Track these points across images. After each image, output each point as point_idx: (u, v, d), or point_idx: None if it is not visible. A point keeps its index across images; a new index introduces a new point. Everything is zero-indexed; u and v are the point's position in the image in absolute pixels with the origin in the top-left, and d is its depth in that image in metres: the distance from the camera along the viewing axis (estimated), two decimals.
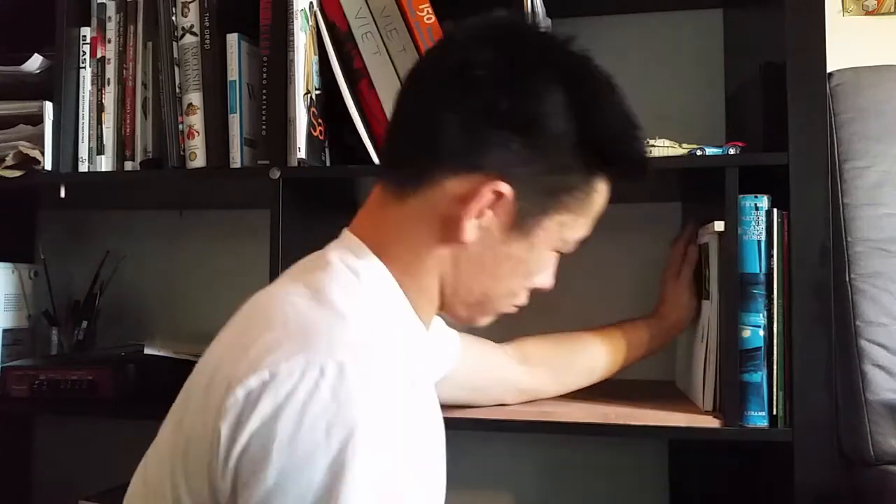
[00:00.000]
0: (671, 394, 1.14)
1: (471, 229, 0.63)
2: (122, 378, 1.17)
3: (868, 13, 1.28)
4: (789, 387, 0.93)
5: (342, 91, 1.06)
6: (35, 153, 1.15)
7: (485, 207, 0.62)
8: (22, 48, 1.20)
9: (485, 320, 0.73)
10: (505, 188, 0.62)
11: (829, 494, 0.92)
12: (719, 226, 0.96)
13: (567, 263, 1.31)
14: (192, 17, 1.13)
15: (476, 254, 0.65)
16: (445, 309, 0.71)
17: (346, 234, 0.69)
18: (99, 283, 1.39)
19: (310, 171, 1.07)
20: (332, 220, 0.90)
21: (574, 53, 0.65)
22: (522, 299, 0.72)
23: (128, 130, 1.18)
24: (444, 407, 0.77)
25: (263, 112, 1.08)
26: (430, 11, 1.05)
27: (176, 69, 1.14)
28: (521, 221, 0.64)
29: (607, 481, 1.31)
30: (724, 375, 0.96)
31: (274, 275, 1.04)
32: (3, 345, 1.28)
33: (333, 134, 1.13)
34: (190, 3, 1.13)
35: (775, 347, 0.94)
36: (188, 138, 1.13)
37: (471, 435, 1.30)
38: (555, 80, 0.62)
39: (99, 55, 1.19)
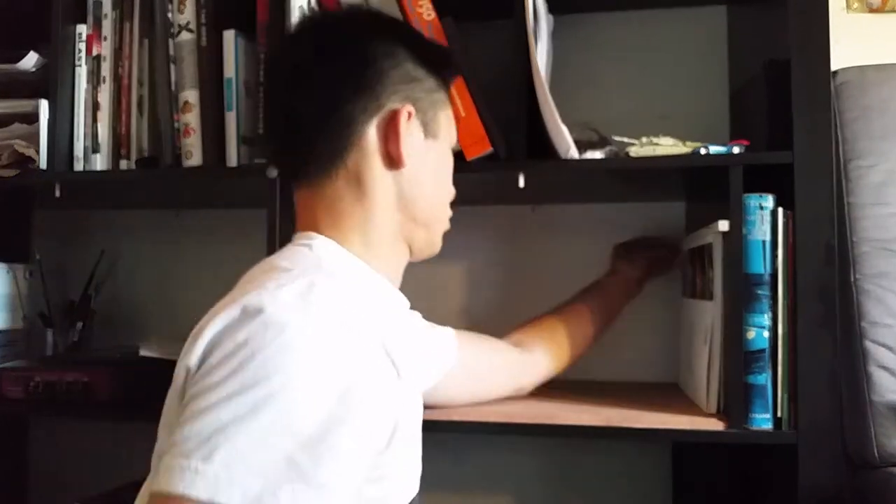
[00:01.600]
0: (674, 396, 1.13)
1: (406, 151, 0.75)
2: (117, 380, 1.15)
3: (872, 11, 1.26)
4: (794, 389, 0.92)
5: None
6: (30, 152, 1.15)
7: (406, 129, 0.75)
8: (17, 46, 1.19)
9: (440, 235, 0.84)
10: (409, 107, 0.75)
11: (834, 497, 0.91)
12: (723, 225, 0.95)
13: (574, 261, 1.32)
14: (188, 14, 1.12)
15: (415, 172, 0.76)
16: (412, 245, 0.80)
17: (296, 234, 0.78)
18: (94, 283, 1.38)
19: None
20: None
21: (379, 12, 0.87)
22: (449, 210, 0.85)
23: (123, 129, 1.16)
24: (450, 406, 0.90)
25: (260, 110, 1.07)
26: (430, 7, 1.03)
27: (172, 66, 1.13)
28: (428, 127, 0.78)
29: (610, 484, 1.30)
30: (728, 377, 0.95)
31: None
32: None
33: None
34: None
35: (780, 349, 0.93)
36: (184, 136, 1.12)
37: (472, 438, 1.30)
38: (383, 28, 0.79)
39: (94, 53, 1.17)
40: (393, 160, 0.75)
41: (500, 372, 1.03)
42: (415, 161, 0.76)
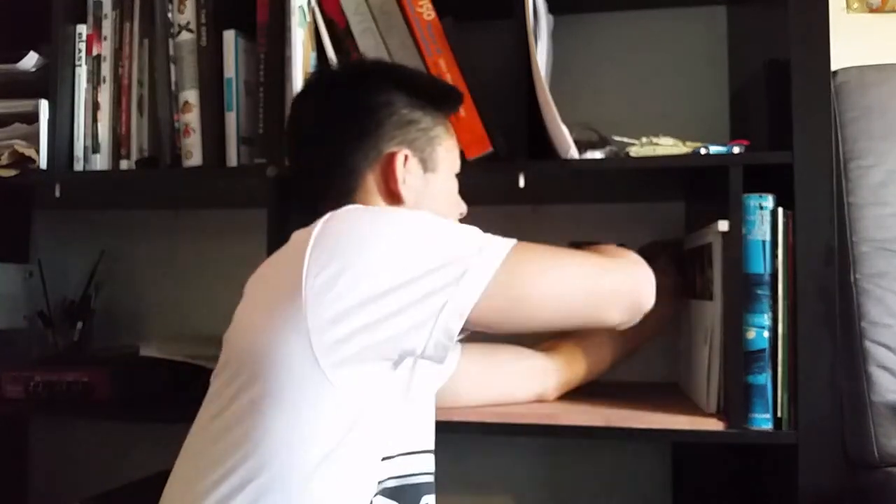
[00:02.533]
0: (674, 396, 1.13)
1: (404, 189, 0.84)
2: (117, 380, 1.15)
3: (872, 11, 1.26)
4: (794, 389, 0.92)
5: None
6: (30, 152, 1.14)
7: (403, 171, 0.84)
8: (17, 46, 1.19)
9: None
10: (405, 150, 0.85)
11: (834, 497, 0.91)
12: (723, 225, 0.95)
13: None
14: (188, 14, 1.12)
15: (415, 205, 0.85)
16: None
17: None
18: (94, 283, 1.38)
19: None
20: None
21: (379, 61, 0.97)
22: None
23: (123, 129, 1.16)
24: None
25: (260, 110, 1.07)
26: (430, 7, 1.03)
27: (172, 67, 1.13)
28: (427, 163, 0.87)
29: (610, 484, 1.29)
30: (728, 377, 0.95)
31: None
32: None
33: None
34: None
35: (780, 349, 0.93)
36: (184, 136, 1.12)
37: (472, 438, 1.29)
38: (381, 78, 0.89)
39: (94, 53, 1.17)
40: (394, 197, 0.85)
41: (515, 378, 1.06)
42: (415, 195, 0.85)
